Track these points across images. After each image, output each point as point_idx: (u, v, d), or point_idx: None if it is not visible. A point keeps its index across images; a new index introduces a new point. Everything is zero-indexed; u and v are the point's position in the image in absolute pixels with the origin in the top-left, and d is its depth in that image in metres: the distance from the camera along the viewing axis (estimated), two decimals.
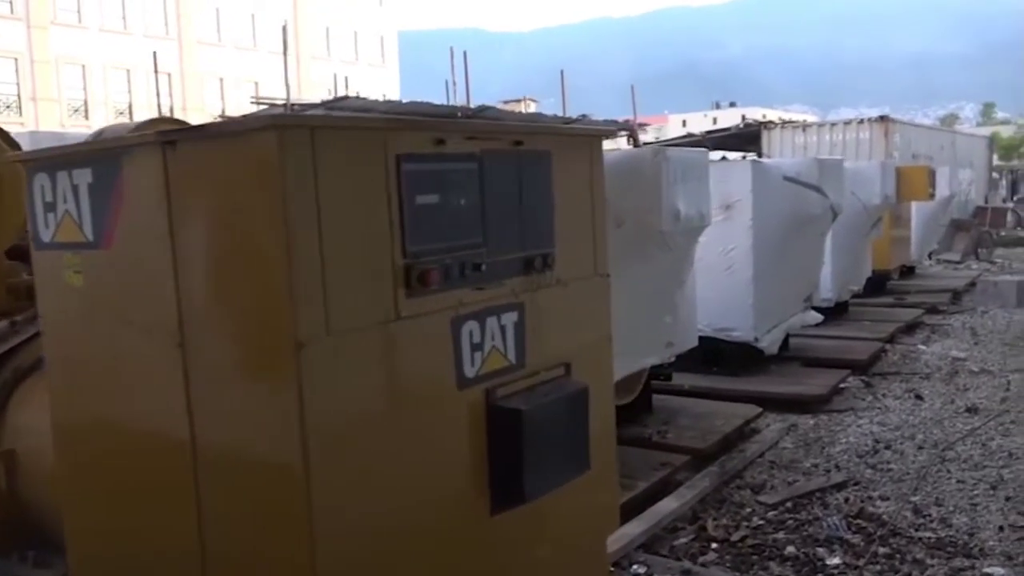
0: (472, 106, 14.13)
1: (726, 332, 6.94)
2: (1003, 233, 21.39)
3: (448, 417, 2.24)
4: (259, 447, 1.96)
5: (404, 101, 15.87)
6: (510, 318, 2.40)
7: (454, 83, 15.08)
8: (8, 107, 37.92)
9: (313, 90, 42.36)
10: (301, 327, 1.82)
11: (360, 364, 1.98)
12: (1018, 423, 5.78)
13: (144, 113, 33.67)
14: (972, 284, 12.49)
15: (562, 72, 14.80)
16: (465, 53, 14.38)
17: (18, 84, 38.45)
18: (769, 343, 7.04)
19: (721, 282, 6.84)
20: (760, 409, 5.99)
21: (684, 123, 66.76)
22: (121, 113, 39.36)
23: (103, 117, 36.30)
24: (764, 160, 7.35)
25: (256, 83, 43.48)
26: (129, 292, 2.18)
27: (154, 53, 20.05)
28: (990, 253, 17.06)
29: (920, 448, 5.39)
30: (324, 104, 12.07)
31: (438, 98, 16.13)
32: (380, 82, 50.72)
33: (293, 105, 11.27)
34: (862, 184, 9.12)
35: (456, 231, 2.21)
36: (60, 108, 39.29)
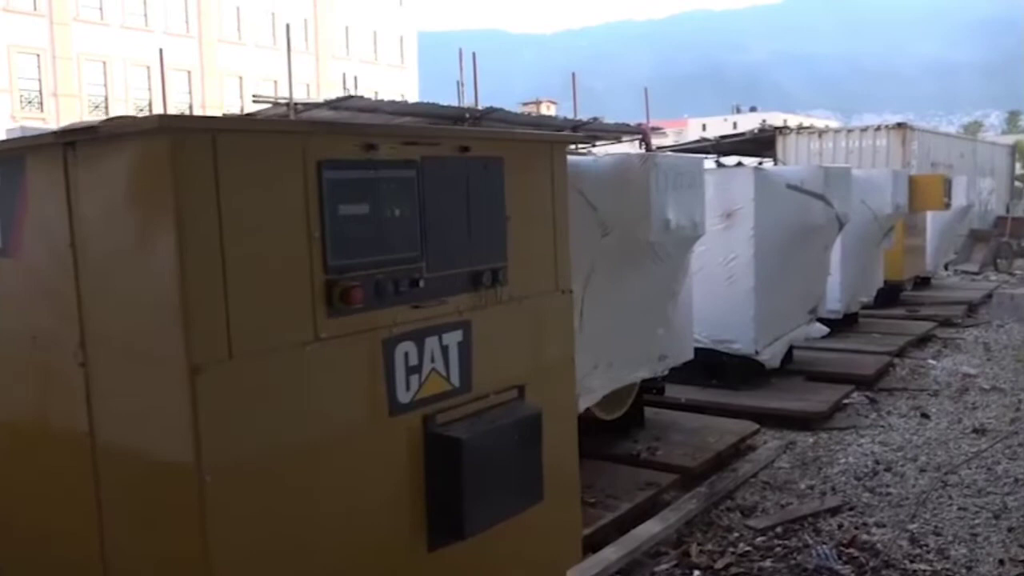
0: (481, 108, 14.00)
1: (726, 344, 6.72)
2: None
3: (378, 446, 2.07)
4: (156, 484, 1.79)
5: (409, 102, 15.77)
6: (454, 338, 2.22)
7: (462, 84, 14.93)
8: (30, 103, 38.38)
9: (332, 89, 42.47)
10: (196, 350, 1.66)
11: (270, 390, 1.82)
12: None
13: (162, 110, 33.79)
14: (989, 296, 12.18)
15: (573, 75, 14.63)
16: (474, 54, 14.22)
17: (40, 80, 38.88)
18: (771, 356, 6.82)
19: (721, 292, 6.63)
20: (757, 426, 5.78)
21: (704, 127, 66.32)
22: (141, 110, 39.67)
23: (124, 113, 36.52)
24: (767, 167, 7.12)
25: (275, 82, 43.70)
26: (34, 306, 2.03)
27: (160, 50, 20.01)
28: (1010, 264, 16.67)
29: (922, 471, 5.15)
30: (328, 104, 11.99)
31: (457, 100, 15.97)
32: (399, 83, 50.79)
33: (296, 104, 11.17)
34: (873, 193, 8.86)
35: (390, 244, 2.04)
36: (81, 104, 39.67)
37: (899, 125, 16.40)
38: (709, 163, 9.68)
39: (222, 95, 44.17)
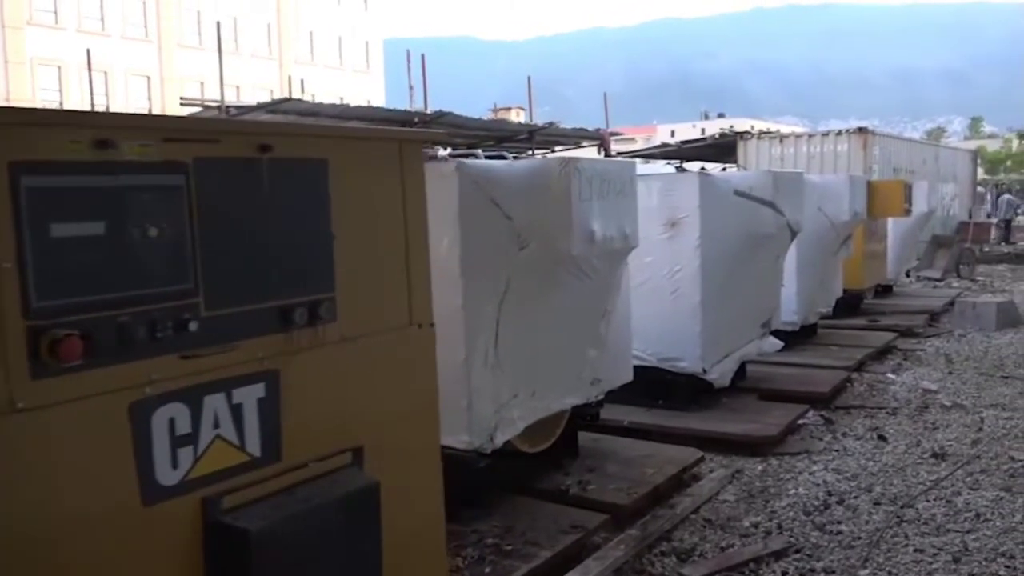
0: (431, 111, 13.49)
1: (672, 363, 6.27)
2: (986, 249, 20.85)
3: (129, 546, 1.54)
4: None
5: (351, 104, 15.22)
6: (252, 393, 1.71)
7: (411, 87, 14.41)
8: None
9: (295, 95, 41.78)
10: None
11: None
12: (988, 472, 5.12)
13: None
14: (951, 304, 11.86)
15: (529, 79, 14.19)
16: (423, 56, 13.73)
17: None
18: (720, 375, 6.37)
19: (666, 307, 6.18)
20: (700, 454, 5.31)
21: (672, 133, 66.32)
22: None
23: None
24: (713, 173, 6.69)
25: (238, 87, 42.98)
26: None
27: (87, 50, 19.19)
28: (972, 270, 16.46)
29: (876, 504, 4.71)
30: (263, 107, 11.40)
31: (433, 105, 15.32)
32: (365, 88, 50.11)
33: (228, 107, 10.57)
34: (829, 199, 8.48)
35: (142, 275, 1.53)
36: None
37: (860, 130, 16.14)
38: (668, 168, 9.24)
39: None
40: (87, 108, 38.96)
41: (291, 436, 1.77)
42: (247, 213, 1.69)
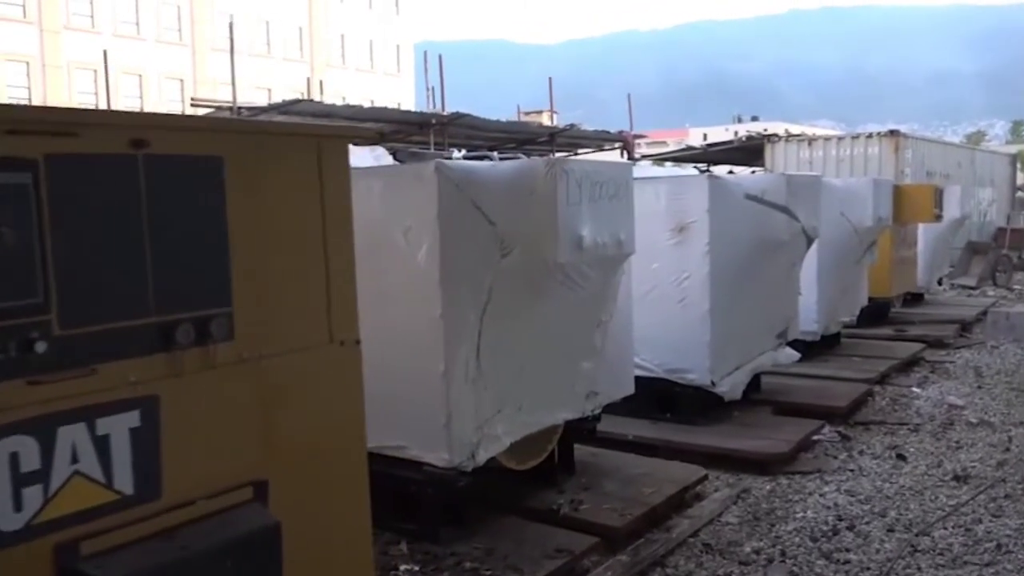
0: (448, 113, 13.32)
1: (680, 374, 5.99)
2: None
3: None
4: None
5: (365, 106, 15.09)
6: (123, 423, 1.50)
7: (428, 89, 14.25)
8: None
9: (327, 98, 41.98)
10: None
11: None
12: (1013, 498, 4.78)
13: None
14: (984, 314, 11.39)
15: (550, 79, 13.95)
16: (440, 56, 13.56)
17: (29, 88, 38.44)
18: (730, 387, 6.08)
19: (674, 316, 5.91)
20: (704, 472, 5.03)
21: (705, 136, 65.62)
22: None
23: None
24: (724, 176, 6.40)
25: (269, 90, 43.37)
26: None
27: (104, 52, 19.27)
28: (1009, 278, 15.86)
29: (890, 530, 4.40)
30: (276, 107, 11.30)
31: (465, 109, 15.03)
32: (395, 91, 50.25)
33: (240, 108, 10.47)
34: (852, 204, 8.13)
35: None
36: None
37: (891, 133, 15.66)
38: (691, 171, 8.97)
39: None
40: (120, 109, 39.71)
41: (175, 470, 1.56)
42: (117, 217, 1.48)
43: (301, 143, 1.81)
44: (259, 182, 1.70)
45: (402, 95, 50.70)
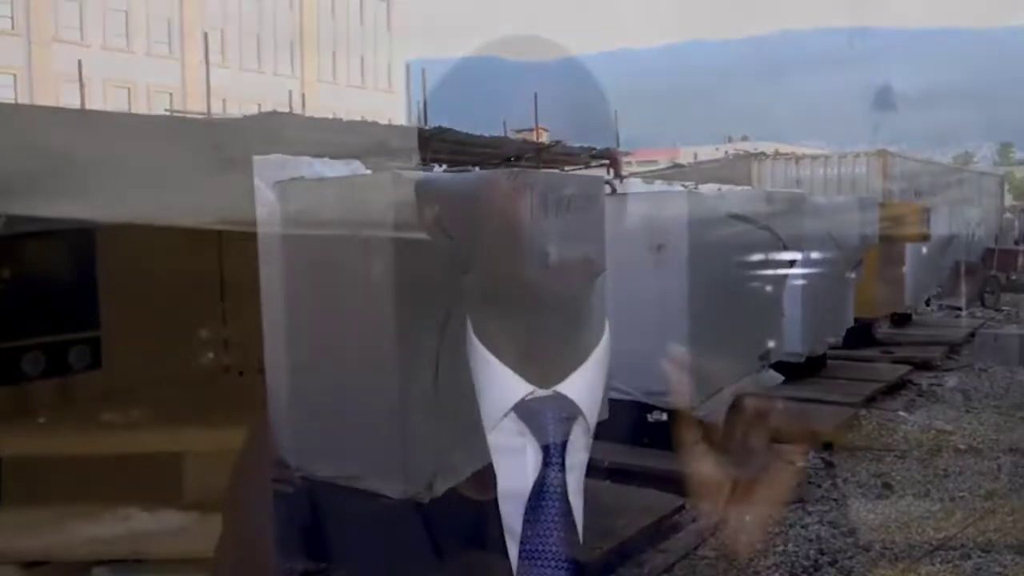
0: (430, 127, 13.13)
1: (657, 398, 5.76)
2: (1013, 277, 20.06)
3: None
4: None
5: (335, 120, 14.88)
6: None
7: (409, 103, 14.05)
8: None
9: (319, 113, 41.89)
10: None
11: None
12: (1002, 531, 4.56)
13: None
14: (972, 335, 11.24)
15: (535, 95, 13.74)
16: (424, 71, 13.43)
17: (15, 100, 38.30)
18: (709, 412, 5.84)
19: (651, 337, 5.67)
20: (681, 502, 4.78)
21: (695, 155, 65.87)
22: None
23: None
24: (702, 192, 6.22)
25: (259, 104, 43.27)
26: None
27: (79, 61, 19.11)
28: (997, 300, 15.76)
29: (874, 565, 4.18)
30: (248, 120, 11.09)
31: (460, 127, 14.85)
32: (387, 108, 50.27)
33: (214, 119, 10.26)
34: (838, 223, 7.95)
35: None
36: None
37: (879, 152, 15.59)
38: (679, 188, 8.80)
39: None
40: None
41: None
42: None
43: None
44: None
45: (394, 112, 50.75)
